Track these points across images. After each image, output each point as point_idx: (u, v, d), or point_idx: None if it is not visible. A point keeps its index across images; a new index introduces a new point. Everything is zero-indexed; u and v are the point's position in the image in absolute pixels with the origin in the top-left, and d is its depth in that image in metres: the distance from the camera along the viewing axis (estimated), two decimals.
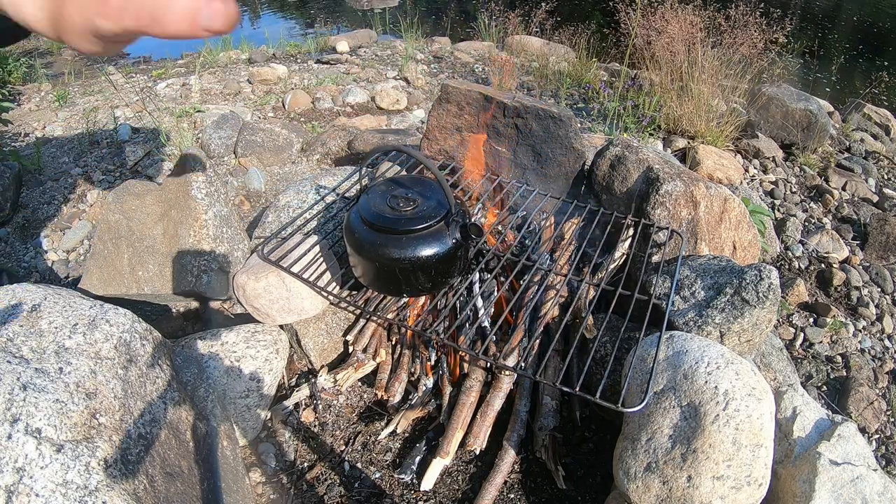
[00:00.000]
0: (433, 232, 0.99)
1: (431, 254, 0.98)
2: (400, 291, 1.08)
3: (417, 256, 0.97)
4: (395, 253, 0.97)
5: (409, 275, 1.00)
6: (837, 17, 7.63)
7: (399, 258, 0.97)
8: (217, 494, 0.99)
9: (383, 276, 1.03)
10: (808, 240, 2.42)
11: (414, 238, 0.98)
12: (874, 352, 1.98)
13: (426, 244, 0.98)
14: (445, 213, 1.00)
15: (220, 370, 1.18)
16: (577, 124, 1.61)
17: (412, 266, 0.98)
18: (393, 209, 1.01)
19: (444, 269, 1.02)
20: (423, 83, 3.56)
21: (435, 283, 1.06)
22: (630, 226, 1.38)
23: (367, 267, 1.04)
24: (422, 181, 1.10)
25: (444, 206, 1.01)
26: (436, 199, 1.03)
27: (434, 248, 0.98)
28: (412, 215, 1.00)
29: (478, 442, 1.14)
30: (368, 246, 1.00)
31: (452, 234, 1.00)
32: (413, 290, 1.06)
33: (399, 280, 1.02)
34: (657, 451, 0.95)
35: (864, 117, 3.59)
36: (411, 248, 0.97)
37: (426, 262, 0.98)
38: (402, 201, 1.02)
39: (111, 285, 1.35)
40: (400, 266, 0.98)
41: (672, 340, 1.06)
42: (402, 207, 1.01)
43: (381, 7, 6.20)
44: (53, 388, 0.82)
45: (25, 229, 2.10)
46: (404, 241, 0.98)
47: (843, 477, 0.97)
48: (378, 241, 0.98)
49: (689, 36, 2.90)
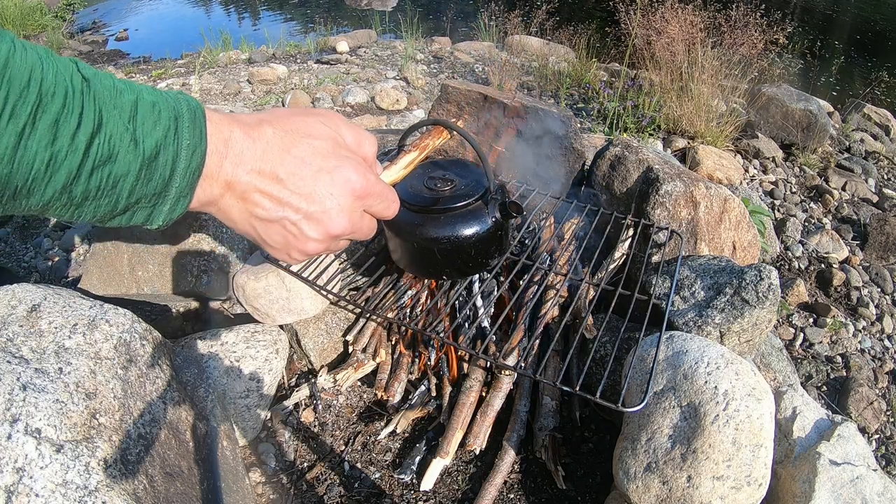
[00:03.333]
0: (472, 210, 0.97)
1: (471, 233, 0.96)
2: (439, 274, 1.05)
3: (456, 236, 0.95)
4: (434, 233, 0.95)
5: (449, 255, 0.98)
6: (837, 17, 7.63)
7: (438, 237, 0.95)
8: (217, 494, 0.99)
9: (422, 258, 1.01)
10: (807, 240, 2.42)
11: (452, 217, 0.96)
12: (874, 352, 1.98)
13: (465, 223, 0.96)
14: (484, 192, 0.98)
15: (220, 370, 1.18)
16: (577, 124, 1.61)
17: (451, 246, 0.96)
18: (430, 189, 0.99)
19: (484, 249, 1.00)
20: (423, 83, 3.56)
21: (475, 265, 1.03)
22: (630, 226, 1.38)
23: (405, 249, 1.02)
24: (459, 162, 1.09)
25: (482, 185, 0.99)
26: (473, 179, 1.01)
27: (473, 227, 0.96)
28: (450, 194, 0.98)
29: (478, 442, 1.14)
30: (406, 227, 0.97)
31: (492, 212, 0.97)
32: (453, 272, 1.03)
33: (438, 261, 1.00)
34: (657, 451, 0.95)
35: (864, 117, 3.59)
36: (450, 227, 0.95)
37: (465, 241, 0.96)
38: (439, 181, 1.00)
39: (111, 285, 1.35)
40: (439, 246, 0.96)
41: (672, 340, 1.06)
42: (440, 188, 0.99)
43: (382, 8, 6.20)
44: (53, 389, 0.82)
45: (25, 229, 2.10)
46: (442, 220, 0.95)
47: (843, 477, 0.97)
48: (416, 222, 0.96)
49: (689, 36, 2.90)
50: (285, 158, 0.43)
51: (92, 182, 0.34)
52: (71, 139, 0.32)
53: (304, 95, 3.17)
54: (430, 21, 5.77)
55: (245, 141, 0.41)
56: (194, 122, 0.38)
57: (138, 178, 0.36)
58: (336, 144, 0.46)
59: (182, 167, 0.38)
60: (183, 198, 0.40)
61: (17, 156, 0.31)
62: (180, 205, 0.40)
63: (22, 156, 0.31)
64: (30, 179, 0.32)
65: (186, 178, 0.39)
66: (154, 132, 0.36)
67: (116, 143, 0.35)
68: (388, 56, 4.14)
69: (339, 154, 0.46)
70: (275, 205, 0.43)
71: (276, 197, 0.43)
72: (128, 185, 0.36)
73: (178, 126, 0.38)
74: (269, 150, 0.42)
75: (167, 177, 0.38)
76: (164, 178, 0.37)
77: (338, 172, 0.45)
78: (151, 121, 0.36)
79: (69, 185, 0.34)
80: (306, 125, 0.45)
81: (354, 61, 3.92)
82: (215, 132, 0.40)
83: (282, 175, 0.43)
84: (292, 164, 0.43)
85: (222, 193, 0.42)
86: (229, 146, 0.41)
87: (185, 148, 0.38)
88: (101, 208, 0.36)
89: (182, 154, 0.38)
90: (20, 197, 0.33)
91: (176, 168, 0.38)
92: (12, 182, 0.32)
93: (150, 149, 0.36)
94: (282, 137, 0.43)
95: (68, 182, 0.33)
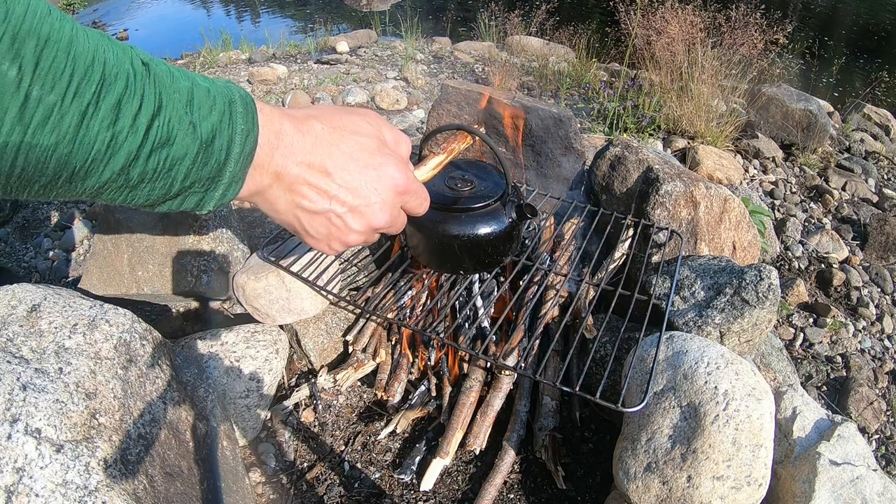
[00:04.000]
0: (490, 211, 1.04)
1: (489, 231, 1.03)
2: (457, 269, 1.12)
3: (476, 234, 1.02)
4: (455, 230, 1.02)
5: (467, 252, 1.05)
6: (837, 17, 7.63)
7: (458, 235, 1.02)
8: (217, 494, 0.99)
9: (442, 253, 1.07)
10: (807, 240, 2.42)
11: (472, 216, 1.03)
12: (874, 352, 1.98)
13: (484, 222, 1.03)
14: (502, 194, 1.05)
15: (220, 370, 1.18)
16: (577, 124, 1.61)
17: (471, 243, 1.03)
18: (451, 189, 1.06)
19: (501, 247, 1.07)
20: (423, 83, 3.56)
21: (491, 261, 1.10)
22: (630, 226, 1.38)
23: (426, 244, 1.09)
24: (476, 164, 1.16)
25: (499, 187, 1.07)
26: (491, 181, 1.09)
27: (492, 226, 1.03)
28: (470, 195, 1.05)
29: (477, 442, 1.14)
30: (429, 224, 1.04)
31: (508, 213, 1.04)
32: (470, 267, 1.10)
33: (458, 257, 1.06)
34: (657, 451, 0.95)
35: (864, 117, 3.59)
36: (470, 225, 1.02)
37: (484, 239, 1.03)
38: (459, 182, 1.07)
39: (111, 285, 1.35)
40: (459, 242, 1.03)
41: (672, 341, 1.06)
42: (460, 188, 1.06)
43: (382, 8, 6.20)
44: (53, 389, 0.82)
45: (25, 229, 2.10)
46: (463, 218, 1.02)
47: (843, 477, 0.97)
48: (438, 219, 1.03)
49: (689, 36, 2.90)
50: (333, 153, 0.45)
51: (150, 164, 0.35)
52: (132, 120, 0.33)
53: (304, 95, 3.17)
54: (430, 21, 5.77)
55: (295, 134, 0.43)
56: (247, 110, 0.39)
57: (195, 162, 0.37)
58: (380, 142, 0.49)
59: (236, 152, 0.39)
60: (235, 183, 0.40)
61: (78, 135, 0.31)
62: (231, 190, 0.41)
63: (84, 135, 0.31)
64: (89, 160, 0.32)
65: (240, 164, 0.39)
66: (210, 117, 0.37)
67: (175, 126, 0.35)
68: (388, 56, 4.15)
69: (383, 152, 0.48)
70: (322, 197, 0.45)
71: (323, 190, 0.45)
72: (184, 168, 0.37)
73: (233, 112, 0.38)
74: (317, 144, 0.44)
75: (222, 161, 0.38)
76: (219, 163, 0.38)
77: (382, 169, 0.47)
78: (207, 106, 0.37)
79: (127, 166, 0.34)
80: (352, 123, 0.47)
81: (354, 61, 3.92)
82: (267, 123, 0.41)
83: (330, 169, 0.45)
84: (340, 159, 0.45)
85: (271, 184, 0.43)
86: (280, 138, 0.42)
87: (239, 133, 0.39)
88: (156, 191, 0.37)
89: (236, 139, 0.38)
90: (77, 179, 0.33)
91: (231, 153, 0.38)
92: (72, 162, 0.32)
93: (206, 132, 0.37)
94: (330, 133, 0.45)
95: (127, 164, 0.34)
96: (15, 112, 0.29)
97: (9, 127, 0.29)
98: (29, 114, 0.29)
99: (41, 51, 0.29)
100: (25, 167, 0.30)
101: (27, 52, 0.29)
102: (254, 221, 1.63)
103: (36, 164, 0.30)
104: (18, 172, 0.30)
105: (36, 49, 0.29)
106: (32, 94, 0.29)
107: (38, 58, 0.29)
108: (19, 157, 0.30)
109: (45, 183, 0.32)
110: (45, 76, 0.29)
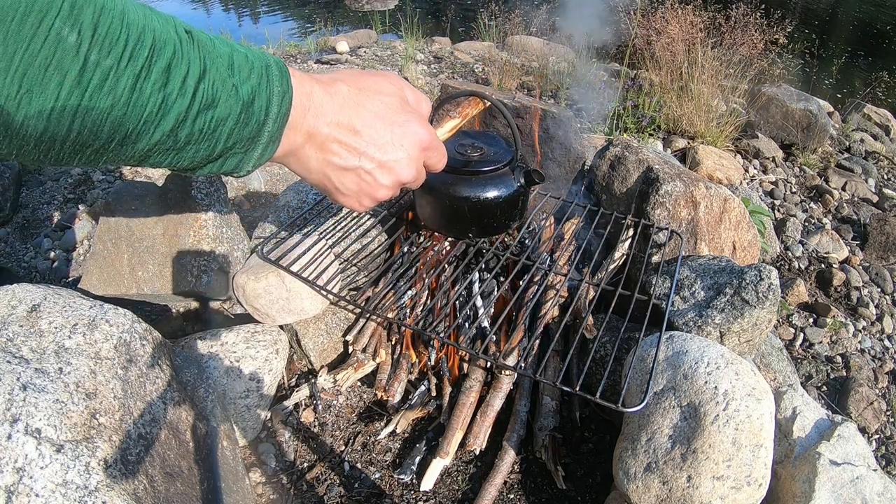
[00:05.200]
0: (500, 175, 1.08)
1: (498, 194, 1.07)
2: (465, 232, 1.15)
3: (486, 196, 1.06)
4: (465, 192, 1.06)
5: (476, 214, 1.09)
6: (837, 17, 7.63)
7: (468, 196, 1.06)
8: (217, 495, 0.99)
9: (452, 215, 1.11)
10: (807, 240, 2.42)
11: (482, 179, 1.07)
12: (874, 352, 1.98)
13: (493, 185, 1.07)
14: (510, 159, 1.09)
15: (220, 370, 1.18)
16: (577, 124, 1.61)
17: (480, 205, 1.07)
18: (461, 154, 1.10)
19: (508, 211, 1.11)
20: (423, 83, 3.56)
21: (498, 225, 1.14)
22: (630, 226, 1.38)
23: (436, 206, 1.12)
24: (485, 133, 1.20)
25: (508, 153, 1.11)
26: (500, 147, 1.13)
27: (500, 189, 1.07)
28: (480, 159, 1.09)
29: (478, 442, 1.14)
30: (440, 186, 1.08)
31: (517, 178, 1.08)
32: (479, 230, 1.14)
33: (466, 219, 1.10)
34: (657, 451, 0.95)
35: (864, 117, 3.59)
36: (480, 188, 1.06)
37: (493, 202, 1.07)
38: (469, 148, 1.11)
39: (111, 285, 1.35)
40: (469, 204, 1.07)
41: (672, 340, 1.06)
42: (470, 153, 1.10)
43: (382, 8, 6.20)
44: (53, 389, 0.82)
45: (25, 229, 2.10)
46: (473, 181, 1.06)
47: (843, 477, 0.97)
48: (449, 181, 1.07)
49: (689, 36, 2.90)
50: (361, 112, 0.47)
51: (196, 125, 0.37)
52: (181, 83, 0.35)
53: None
54: (430, 21, 5.77)
55: (324, 96, 0.45)
56: (282, 74, 0.42)
57: (237, 123, 0.39)
58: (402, 101, 0.51)
59: (274, 112, 0.41)
60: (272, 143, 0.43)
61: (132, 98, 0.33)
62: (269, 150, 0.43)
63: (137, 98, 0.33)
64: (142, 122, 0.34)
65: (277, 123, 0.42)
66: (249, 79, 0.39)
67: (219, 88, 0.37)
68: (388, 56, 4.15)
69: (407, 110, 0.51)
70: (352, 154, 0.48)
71: (353, 147, 0.47)
72: (227, 128, 0.39)
73: (269, 75, 0.41)
74: (345, 104, 0.47)
75: (262, 121, 0.41)
76: (259, 122, 0.40)
77: (407, 126, 0.50)
78: (247, 69, 0.39)
79: (176, 128, 0.36)
80: (376, 84, 0.50)
81: (355, 61, 3.92)
82: (298, 85, 0.43)
83: (358, 127, 0.47)
84: (367, 118, 0.48)
85: (303, 143, 0.46)
86: (311, 99, 0.44)
87: (276, 94, 0.41)
88: (200, 152, 0.39)
89: (274, 100, 0.41)
90: (128, 142, 0.35)
91: (269, 112, 0.41)
92: (125, 125, 0.33)
93: (246, 94, 0.39)
94: (356, 94, 0.48)
95: (176, 125, 0.36)
96: (74, 75, 0.30)
97: (67, 90, 0.30)
98: (87, 77, 0.31)
99: (98, 17, 0.31)
100: (81, 131, 0.32)
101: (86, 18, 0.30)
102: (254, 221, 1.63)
103: (91, 126, 0.32)
104: (74, 136, 0.32)
105: (94, 16, 0.31)
106: (91, 59, 0.31)
107: (95, 24, 0.31)
108: (76, 120, 0.31)
109: (98, 147, 0.33)
110: (103, 41, 0.31)
